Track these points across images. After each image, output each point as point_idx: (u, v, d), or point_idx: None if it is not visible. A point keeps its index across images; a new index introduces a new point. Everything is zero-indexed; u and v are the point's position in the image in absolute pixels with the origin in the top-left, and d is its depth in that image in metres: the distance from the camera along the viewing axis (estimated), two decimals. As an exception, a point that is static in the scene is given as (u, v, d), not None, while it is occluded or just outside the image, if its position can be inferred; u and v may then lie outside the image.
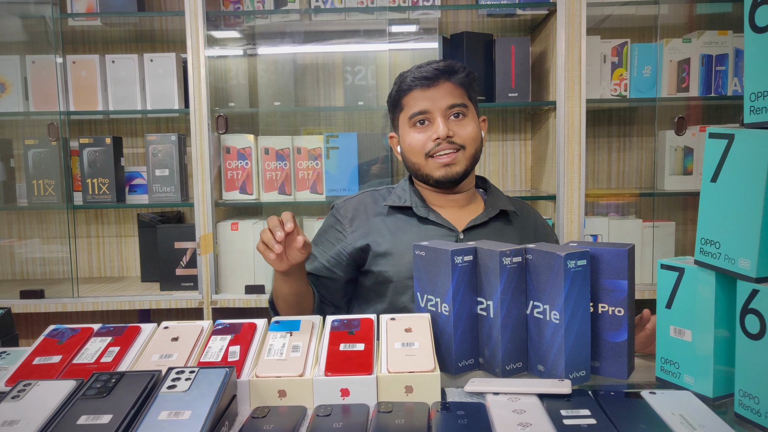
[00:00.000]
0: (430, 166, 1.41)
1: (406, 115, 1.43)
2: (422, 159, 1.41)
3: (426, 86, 1.39)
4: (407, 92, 1.42)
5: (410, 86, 1.41)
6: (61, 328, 1.09)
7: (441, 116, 1.39)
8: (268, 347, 1.02)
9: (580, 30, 2.19)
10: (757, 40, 0.83)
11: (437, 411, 0.88)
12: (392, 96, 1.47)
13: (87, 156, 2.39)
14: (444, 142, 1.38)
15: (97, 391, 0.85)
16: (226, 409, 0.85)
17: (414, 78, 1.40)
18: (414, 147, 1.42)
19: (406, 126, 1.44)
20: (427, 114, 1.40)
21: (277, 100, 2.50)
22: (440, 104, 1.39)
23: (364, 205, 1.49)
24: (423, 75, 1.39)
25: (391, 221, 1.44)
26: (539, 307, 1.03)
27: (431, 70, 1.39)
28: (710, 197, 0.90)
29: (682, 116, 2.31)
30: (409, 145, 1.43)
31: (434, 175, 1.41)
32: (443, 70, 1.39)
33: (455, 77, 1.41)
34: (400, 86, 1.44)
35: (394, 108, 1.48)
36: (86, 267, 2.75)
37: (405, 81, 1.42)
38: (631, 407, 0.88)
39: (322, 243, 1.49)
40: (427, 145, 1.40)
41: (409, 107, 1.42)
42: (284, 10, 2.41)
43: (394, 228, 1.42)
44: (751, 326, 0.84)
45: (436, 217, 1.42)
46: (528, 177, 2.73)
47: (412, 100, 1.41)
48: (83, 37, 2.64)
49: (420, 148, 1.41)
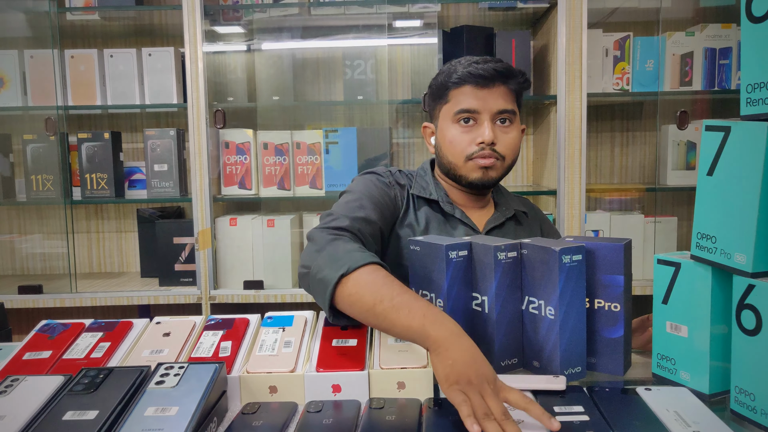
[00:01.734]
0: (468, 167, 1.33)
1: (452, 109, 1.34)
2: (461, 160, 1.33)
3: (481, 85, 1.30)
4: (458, 86, 1.32)
5: (463, 80, 1.31)
6: (53, 324, 1.08)
7: (489, 120, 1.31)
8: (260, 343, 1.01)
9: (582, 23, 2.17)
10: (754, 30, 0.81)
11: (429, 407, 0.88)
12: (438, 84, 1.37)
13: (85, 151, 2.39)
14: (487, 148, 1.31)
15: (85, 387, 0.84)
16: (215, 405, 0.84)
17: (469, 74, 1.30)
18: (455, 146, 1.34)
19: (448, 119, 1.35)
20: (475, 114, 1.31)
21: (276, 94, 2.49)
22: (491, 107, 1.31)
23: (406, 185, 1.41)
24: (479, 73, 1.29)
25: (421, 213, 1.38)
26: (534, 303, 1.02)
27: (490, 69, 1.29)
28: (706, 191, 0.89)
29: (685, 110, 2.28)
30: (450, 142, 1.34)
31: (470, 177, 1.34)
32: (501, 72, 1.31)
33: (511, 81, 1.33)
34: (449, 76, 1.33)
35: (438, 97, 1.38)
36: (86, 262, 2.75)
37: (456, 72, 1.31)
38: (625, 404, 0.87)
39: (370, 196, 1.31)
40: (469, 148, 1.32)
41: (457, 102, 1.33)
42: (283, 4, 2.40)
43: (423, 218, 1.37)
44: (747, 322, 0.83)
45: (461, 215, 1.38)
46: (530, 172, 2.71)
47: (462, 96, 1.32)
48: (81, 32, 2.63)
49: (462, 150, 1.33)
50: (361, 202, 1.27)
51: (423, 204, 1.38)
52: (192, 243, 2.38)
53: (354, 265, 1.00)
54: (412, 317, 0.92)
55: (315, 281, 1.05)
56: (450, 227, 1.36)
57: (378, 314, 0.95)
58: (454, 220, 1.37)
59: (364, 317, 0.98)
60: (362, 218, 1.22)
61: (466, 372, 0.84)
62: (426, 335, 0.90)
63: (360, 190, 1.31)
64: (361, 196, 1.28)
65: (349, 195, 1.30)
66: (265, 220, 2.37)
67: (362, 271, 1.00)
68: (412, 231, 1.34)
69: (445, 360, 0.86)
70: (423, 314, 0.91)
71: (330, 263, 1.03)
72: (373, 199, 1.29)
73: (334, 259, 1.04)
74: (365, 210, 1.25)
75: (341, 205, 1.25)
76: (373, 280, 0.99)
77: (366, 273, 1.00)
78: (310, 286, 1.08)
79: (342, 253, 1.05)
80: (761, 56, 0.80)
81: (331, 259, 1.04)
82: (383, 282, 0.98)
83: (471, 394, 0.82)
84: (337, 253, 1.06)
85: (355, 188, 1.32)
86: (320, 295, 1.03)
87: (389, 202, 1.33)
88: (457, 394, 0.82)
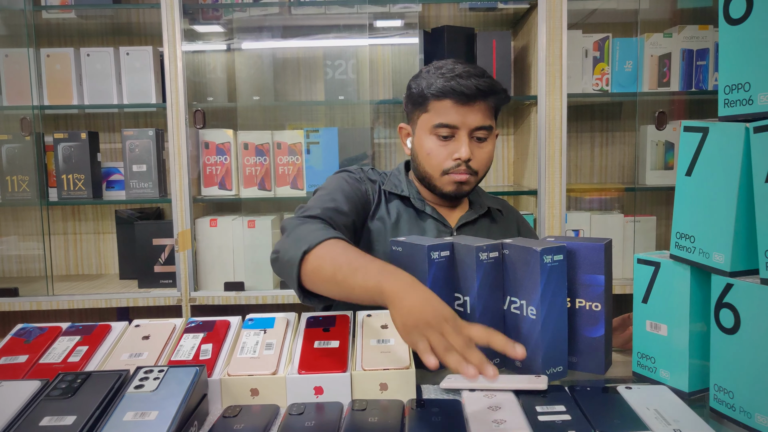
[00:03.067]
0: (443, 181, 1.34)
1: (431, 120, 1.33)
2: (437, 173, 1.34)
3: (462, 102, 1.30)
4: (438, 98, 1.31)
5: (444, 94, 1.30)
6: (29, 327, 1.06)
7: (467, 135, 1.31)
8: (242, 345, 1.00)
9: (561, 24, 2.19)
10: (732, 32, 0.82)
11: (412, 408, 0.87)
12: (419, 91, 1.35)
13: (62, 151, 2.35)
14: (463, 165, 1.32)
15: (62, 392, 0.83)
16: (195, 409, 0.83)
17: (452, 89, 1.29)
18: (432, 158, 1.34)
19: (426, 130, 1.35)
20: (454, 129, 1.31)
21: (256, 94, 2.47)
22: (470, 123, 1.31)
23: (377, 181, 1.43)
24: (462, 90, 1.28)
25: (392, 206, 1.39)
26: (516, 303, 1.02)
27: (472, 87, 1.28)
28: (685, 191, 0.90)
29: (663, 111, 2.31)
30: (428, 153, 1.35)
31: (444, 189, 1.36)
32: (484, 90, 1.29)
33: (492, 98, 1.32)
34: (429, 87, 1.31)
35: (418, 104, 1.37)
36: (63, 264, 2.71)
37: (437, 84, 1.30)
38: (606, 402, 0.88)
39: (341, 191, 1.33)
40: (446, 163, 1.33)
41: (437, 114, 1.32)
42: (263, 3, 2.38)
43: (395, 212, 1.39)
44: (726, 321, 0.83)
45: (432, 211, 1.39)
46: (510, 172, 2.72)
47: (442, 109, 1.31)
48: (57, 30, 2.59)
49: (439, 163, 1.34)
50: (333, 195, 1.30)
51: (394, 198, 1.40)
52: (172, 244, 2.36)
53: (315, 241, 1.04)
54: (367, 277, 0.94)
55: (283, 263, 1.09)
56: (421, 221, 1.38)
57: (339, 282, 0.97)
58: (425, 216, 1.39)
59: (328, 289, 1.01)
60: (333, 209, 1.26)
61: (423, 315, 0.85)
62: (381, 290, 0.91)
63: (332, 186, 1.34)
64: (333, 191, 1.32)
65: (321, 191, 1.33)
66: (246, 220, 2.35)
67: (323, 245, 1.04)
68: (382, 224, 1.36)
69: (401, 309, 0.87)
70: (377, 272, 0.93)
71: (294, 243, 1.07)
72: (345, 193, 1.32)
73: (298, 239, 1.08)
74: (336, 202, 1.28)
75: (313, 200, 1.29)
76: (333, 251, 1.02)
77: (326, 246, 1.03)
78: (280, 270, 1.11)
79: (306, 233, 1.08)
80: (739, 58, 0.81)
81: (296, 240, 1.08)
82: (342, 251, 1.01)
83: (431, 335, 0.83)
84: (301, 234, 1.09)
85: (328, 185, 1.35)
86: (289, 277, 1.07)
87: (361, 196, 1.36)
88: (418, 338, 0.83)
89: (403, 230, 1.36)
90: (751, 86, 0.80)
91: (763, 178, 0.77)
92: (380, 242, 1.35)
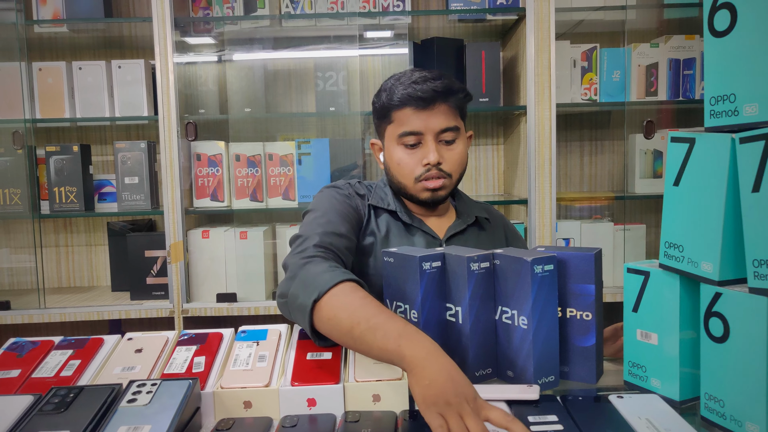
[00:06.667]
0: (417, 188, 1.34)
1: (396, 130, 1.34)
2: (410, 182, 1.34)
3: (421, 107, 1.29)
4: (399, 107, 1.32)
5: (403, 103, 1.30)
6: (21, 341, 1.06)
7: (433, 140, 1.31)
8: (234, 357, 1.00)
9: (549, 35, 2.21)
10: (717, 44, 0.83)
11: (405, 419, 0.88)
12: (381, 105, 1.36)
13: (54, 164, 2.35)
14: (433, 169, 1.32)
15: (55, 406, 0.82)
16: (188, 422, 0.83)
17: (409, 96, 1.29)
18: (403, 168, 1.34)
19: (393, 141, 1.35)
20: (419, 135, 1.31)
21: (247, 106, 2.48)
22: (433, 127, 1.31)
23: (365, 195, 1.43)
24: (419, 95, 1.28)
25: (381, 220, 1.39)
26: (507, 313, 1.03)
27: (429, 90, 1.28)
28: (673, 201, 0.91)
29: (651, 120, 2.33)
30: (398, 164, 1.35)
31: (420, 197, 1.35)
32: (441, 92, 1.29)
33: (452, 99, 1.32)
34: (390, 98, 1.32)
35: (382, 117, 1.38)
36: (55, 277, 2.69)
37: (396, 94, 1.30)
38: (598, 412, 0.88)
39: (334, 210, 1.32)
40: (417, 170, 1.33)
41: (400, 124, 1.33)
42: (254, 16, 2.39)
43: (384, 225, 1.38)
44: (715, 329, 0.84)
45: (420, 224, 1.39)
46: (501, 181, 2.74)
47: (404, 117, 1.32)
48: (50, 44, 2.60)
49: (410, 172, 1.34)
50: (328, 217, 1.28)
51: (382, 212, 1.40)
52: (164, 256, 2.35)
53: (323, 288, 1.00)
54: (387, 339, 0.90)
55: (294, 309, 1.05)
56: (410, 235, 1.38)
57: (356, 338, 0.94)
58: (414, 229, 1.38)
59: (344, 341, 0.97)
60: (332, 232, 1.23)
61: (443, 392, 0.82)
62: (401, 356, 0.88)
63: (324, 206, 1.31)
64: (326, 212, 1.29)
65: (313, 213, 1.30)
66: (238, 232, 2.35)
67: (334, 293, 1.00)
68: (374, 238, 1.36)
69: (422, 380, 0.84)
70: (398, 334, 0.90)
71: (303, 290, 1.04)
72: (338, 212, 1.30)
73: (306, 284, 1.04)
74: (333, 224, 1.26)
75: (308, 225, 1.26)
76: (349, 302, 0.98)
77: (339, 295, 1.00)
78: (290, 315, 1.08)
79: (312, 277, 1.05)
80: (724, 70, 0.83)
81: (303, 285, 1.04)
82: (359, 303, 0.97)
83: (449, 415, 0.80)
84: (308, 277, 1.05)
85: (318, 205, 1.32)
86: (302, 323, 1.04)
87: (353, 212, 1.35)
88: (434, 417, 0.80)
89: (393, 244, 1.35)
90: (736, 97, 0.81)
91: (749, 188, 0.79)
92: (372, 257, 1.34)
